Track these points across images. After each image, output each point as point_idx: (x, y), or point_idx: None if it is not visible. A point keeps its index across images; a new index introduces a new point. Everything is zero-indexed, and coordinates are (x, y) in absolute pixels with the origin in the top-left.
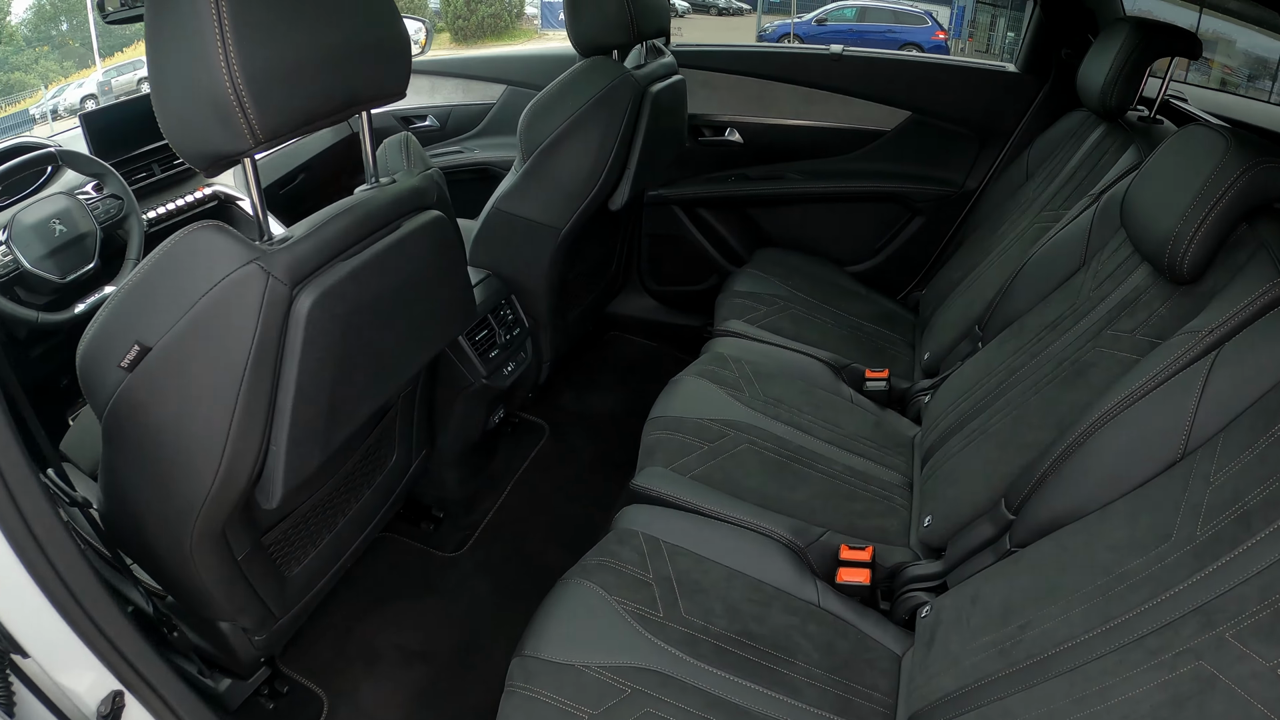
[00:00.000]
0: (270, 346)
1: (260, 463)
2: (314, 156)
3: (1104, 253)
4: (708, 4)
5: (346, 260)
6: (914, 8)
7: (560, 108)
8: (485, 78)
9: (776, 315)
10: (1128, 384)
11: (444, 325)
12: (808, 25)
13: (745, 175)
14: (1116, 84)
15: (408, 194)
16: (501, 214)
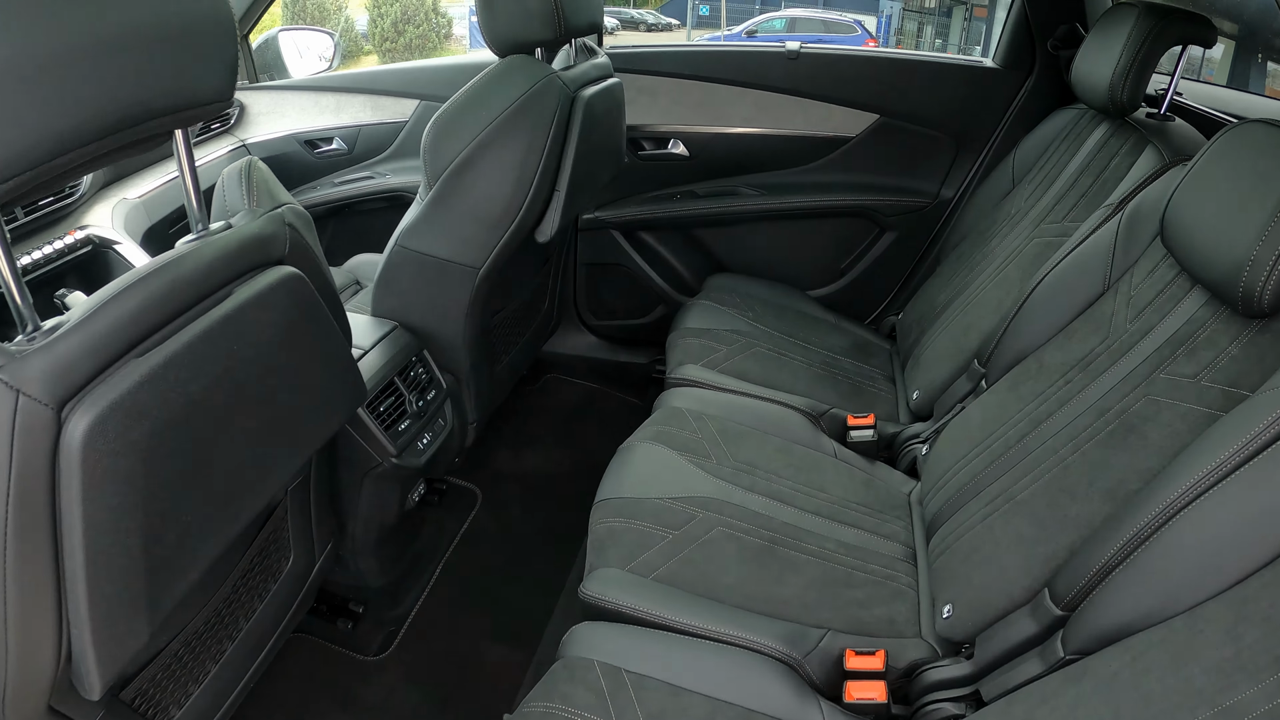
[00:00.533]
0: (37, 496)
1: (64, 646)
2: (208, 188)
3: (1135, 274)
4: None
5: (142, 357)
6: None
7: (470, 120)
8: (396, 93)
9: (739, 355)
10: (1210, 451)
11: (318, 416)
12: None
13: (692, 193)
14: (1128, 77)
15: (244, 246)
16: (406, 253)
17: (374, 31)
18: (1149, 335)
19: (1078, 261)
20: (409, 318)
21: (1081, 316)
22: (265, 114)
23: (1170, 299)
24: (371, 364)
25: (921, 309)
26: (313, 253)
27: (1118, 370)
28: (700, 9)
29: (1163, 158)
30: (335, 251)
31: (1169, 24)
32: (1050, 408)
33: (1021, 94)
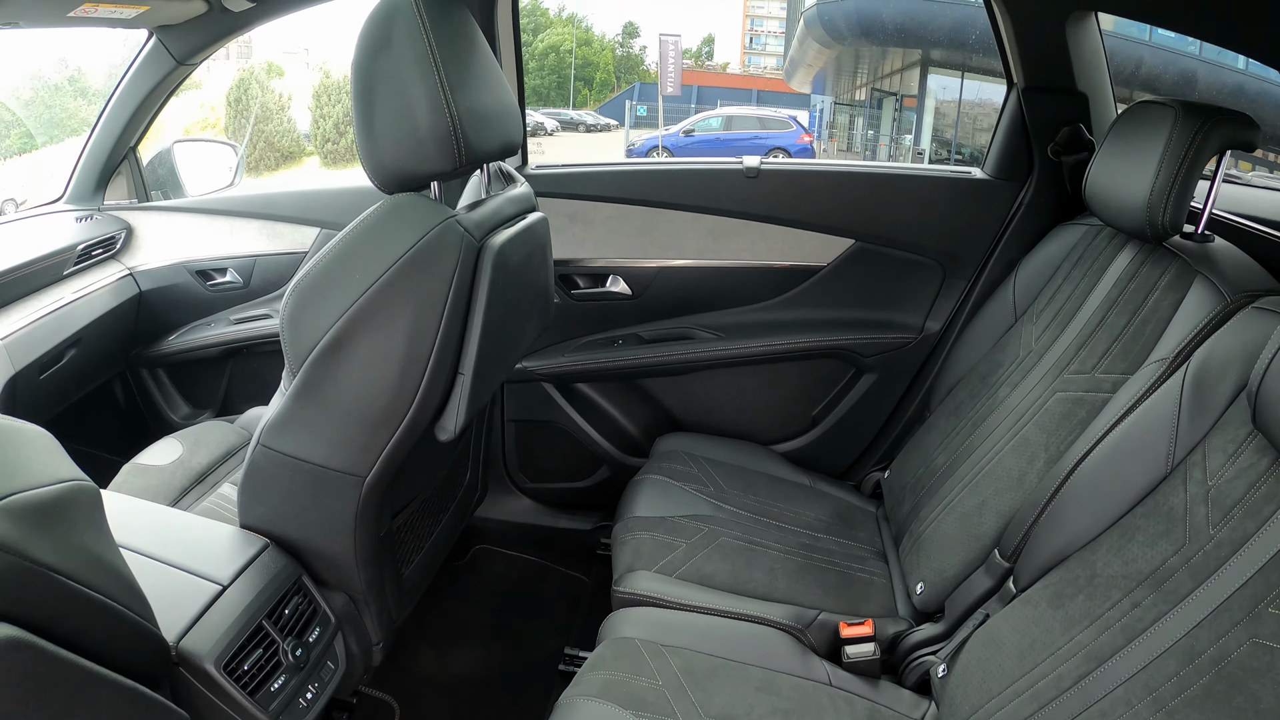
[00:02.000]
0: None
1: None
2: (88, 325)
3: (1209, 455)
4: (576, 121)
5: None
6: (778, 113)
7: (339, 287)
8: (293, 219)
9: (702, 552)
10: None
11: None
12: (675, 137)
13: (637, 337)
14: (1170, 195)
15: None
16: (272, 456)
17: (316, 132)
18: (1245, 550)
19: (1130, 434)
20: (284, 531)
21: (1141, 507)
22: (154, 238)
23: (1269, 499)
24: (232, 605)
25: (915, 469)
26: (48, 574)
27: (1207, 597)
28: (638, 109)
29: (1223, 296)
30: (233, 397)
31: (1214, 127)
32: (1115, 640)
33: (1017, 207)
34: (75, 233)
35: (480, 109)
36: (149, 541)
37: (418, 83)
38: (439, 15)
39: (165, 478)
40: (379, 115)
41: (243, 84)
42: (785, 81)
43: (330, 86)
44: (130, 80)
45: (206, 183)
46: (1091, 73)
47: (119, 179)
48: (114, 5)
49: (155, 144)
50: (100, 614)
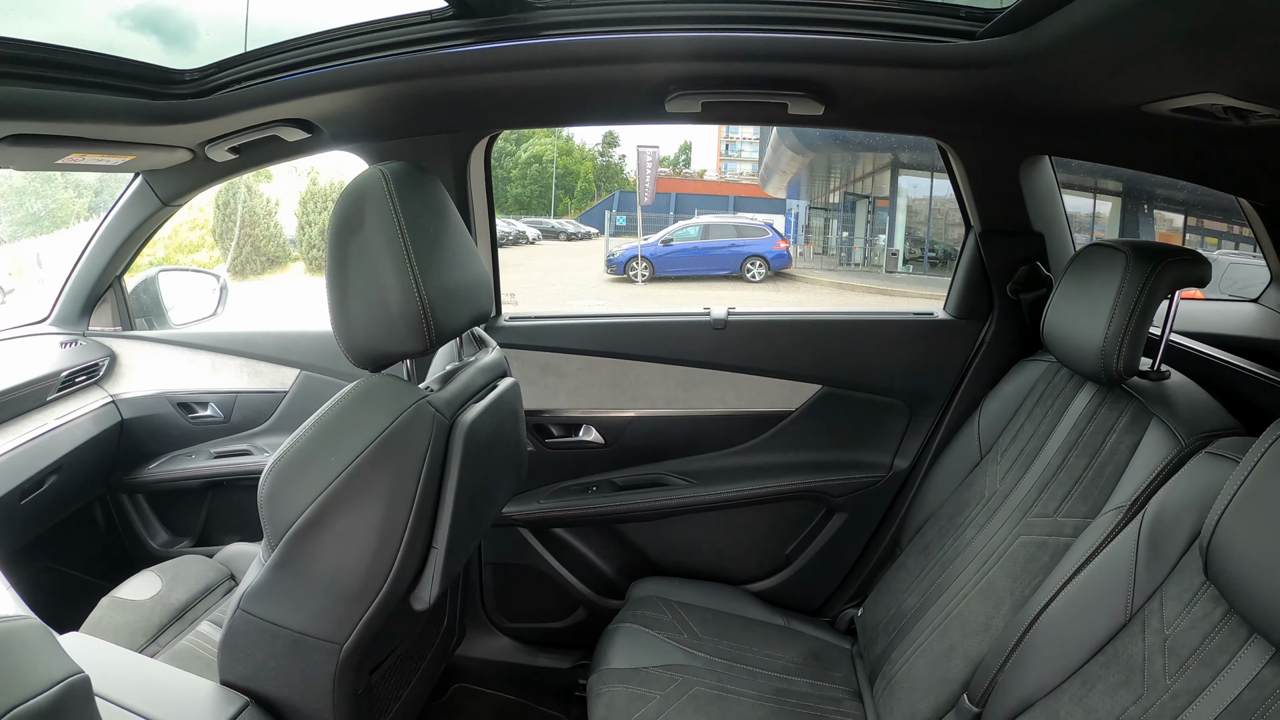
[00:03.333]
0: None
1: None
2: (69, 452)
3: (1165, 604)
4: (557, 230)
5: None
6: (754, 220)
7: (315, 469)
8: (274, 359)
9: (676, 704)
10: None
11: None
12: (654, 246)
13: (611, 483)
14: (1124, 341)
15: None
16: (252, 621)
17: (301, 238)
18: (1200, 700)
19: (1090, 582)
20: (263, 689)
21: (1101, 656)
22: (137, 367)
23: (1222, 649)
24: None
25: (887, 610)
26: None
27: None
28: (617, 219)
29: (1178, 440)
30: (212, 527)
31: (1164, 270)
32: None
33: (980, 345)
34: (60, 358)
35: (450, 286)
36: (131, 695)
37: (389, 267)
38: (410, 192)
39: (144, 613)
40: (352, 296)
41: (231, 188)
42: (761, 187)
43: (317, 193)
44: (117, 216)
45: (190, 311)
46: (1046, 211)
47: (104, 306)
48: (101, 155)
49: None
50: None
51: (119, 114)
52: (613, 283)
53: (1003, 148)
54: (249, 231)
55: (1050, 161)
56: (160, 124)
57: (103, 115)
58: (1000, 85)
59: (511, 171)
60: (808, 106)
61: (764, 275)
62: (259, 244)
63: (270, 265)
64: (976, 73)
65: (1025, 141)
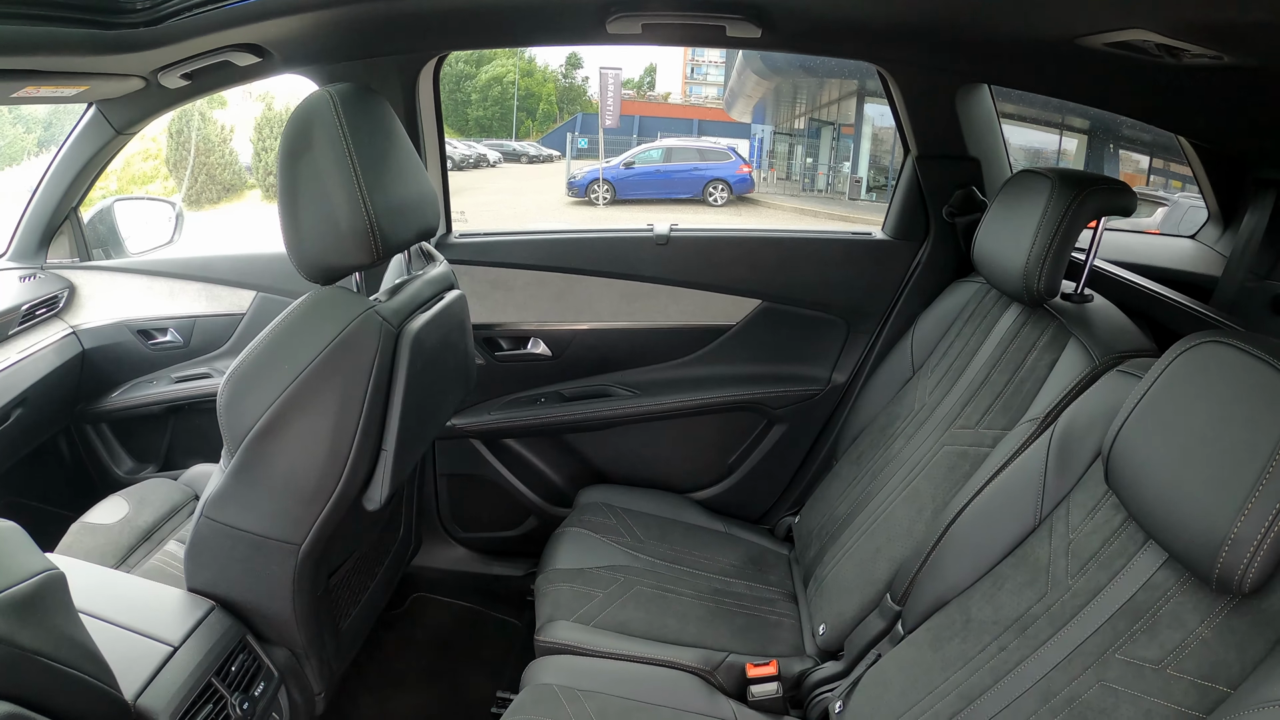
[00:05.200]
0: None
1: None
2: (34, 384)
3: (1071, 511)
4: (519, 153)
5: None
6: (717, 144)
7: (272, 375)
8: (232, 283)
9: (618, 601)
10: None
11: None
12: (616, 169)
13: (559, 394)
14: (1045, 263)
15: None
16: (214, 526)
17: (257, 165)
18: (1098, 599)
19: (1002, 489)
20: (228, 593)
21: (1011, 558)
22: (96, 297)
23: (1120, 553)
24: (183, 665)
25: (820, 516)
26: (35, 659)
27: (1063, 641)
28: (579, 142)
29: (1091, 358)
30: (176, 451)
31: (1088, 197)
32: (983, 680)
33: (915, 266)
34: (19, 292)
35: (397, 202)
36: (104, 605)
37: (337, 185)
38: (357, 113)
39: (113, 536)
40: (302, 213)
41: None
42: (726, 111)
43: (272, 118)
44: (71, 146)
45: (147, 240)
46: (984, 138)
47: (61, 238)
48: (55, 87)
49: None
50: (75, 685)
51: (72, 45)
52: (574, 205)
53: (939, 74)
54: (203, 160)
55: (990, 91)
56: (113, 53)
57: (56, 47)
58: (936, 10)
59: (471, 95)
60: (745, 29)
61: (726, 199)
62: (214, 172)
63: (226, 193)
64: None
65: (961, 69)
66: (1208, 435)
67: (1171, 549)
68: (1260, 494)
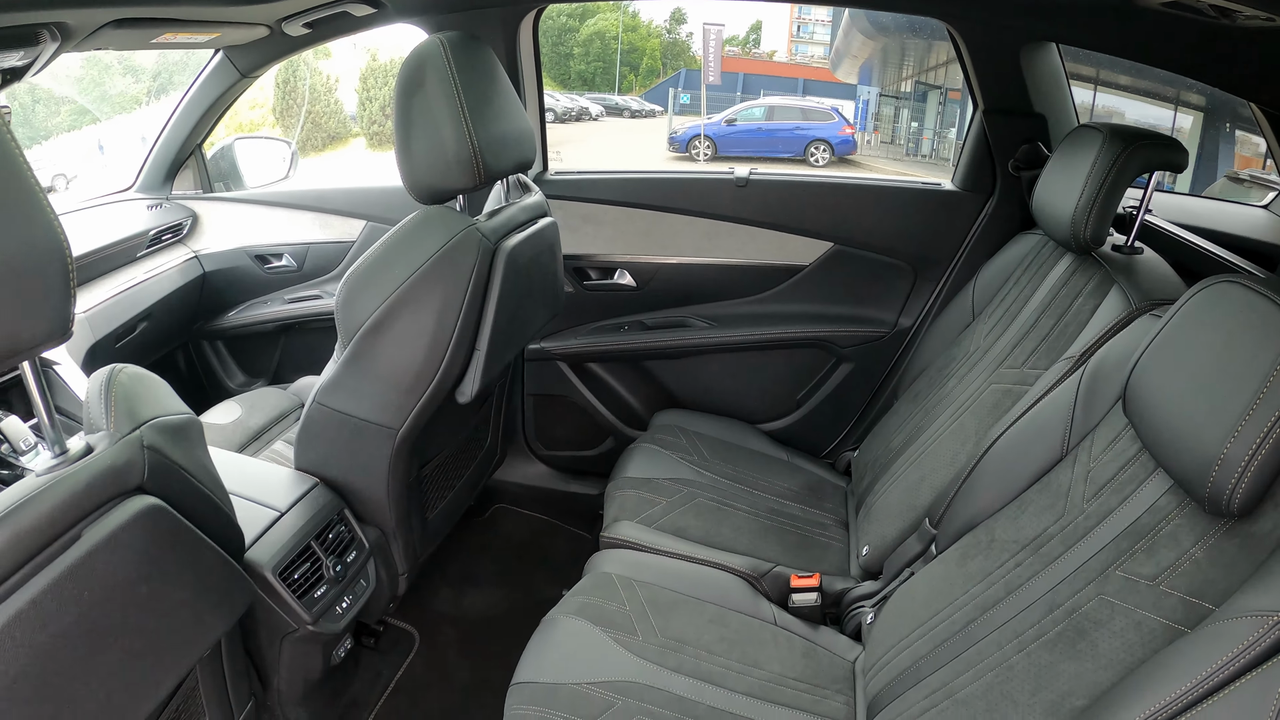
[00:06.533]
0: None
1: None
2: (158, 301)
3: (1095, 442)
4: (621, 107)
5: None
6: (820, 104)
7: (383, 279)
8: (344, 213)
9: (679, 509)
10: (1166, 680)
11: (192, 632)
12: (717, 126)
13: (641, 324)
14: (1092, 211)
15: (95, 482)
16: (324, 410)
17: (362, 114)
18: (1107, 521)
19: (1035, 421)
20: (330, 473)
21: (1037, 485)
22: (217, 225)
23: (1131, 480)
24: (287, 528)
25: (876, 450)
26: (179, 471)
27: (1071, 559)
28: (681, 97)
29: (1129, 303)
30: (285, 368)
31: (1136, 151)
32: (997, 593)
33: (982, 218)
34: (147, 219)
35: (497, 135)
36: (224, 478)
37: (446, 118)
38: (463, 56)
39: (226, 435)
40: (415, 143)
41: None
42: (831, 71)
43: (377, 69)
44: (199, 88)
45: (264, 175)
46: (1051, 95)
47: (186, 172)
48: (190, 34)
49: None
50: (208, 506)
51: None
52: (675, 160)
53: (1003, 31)
54: (309, 108)
55: (1058, 50)
56: (244, 3)
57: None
58: None
59: (574, 48)
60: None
61: (827, 160)
62: (319, 120)
63: (331, 141)
64: None
65: (1024, 26)
66: (1211, 366)
67: (1172, 471)
68: (1250, 418)
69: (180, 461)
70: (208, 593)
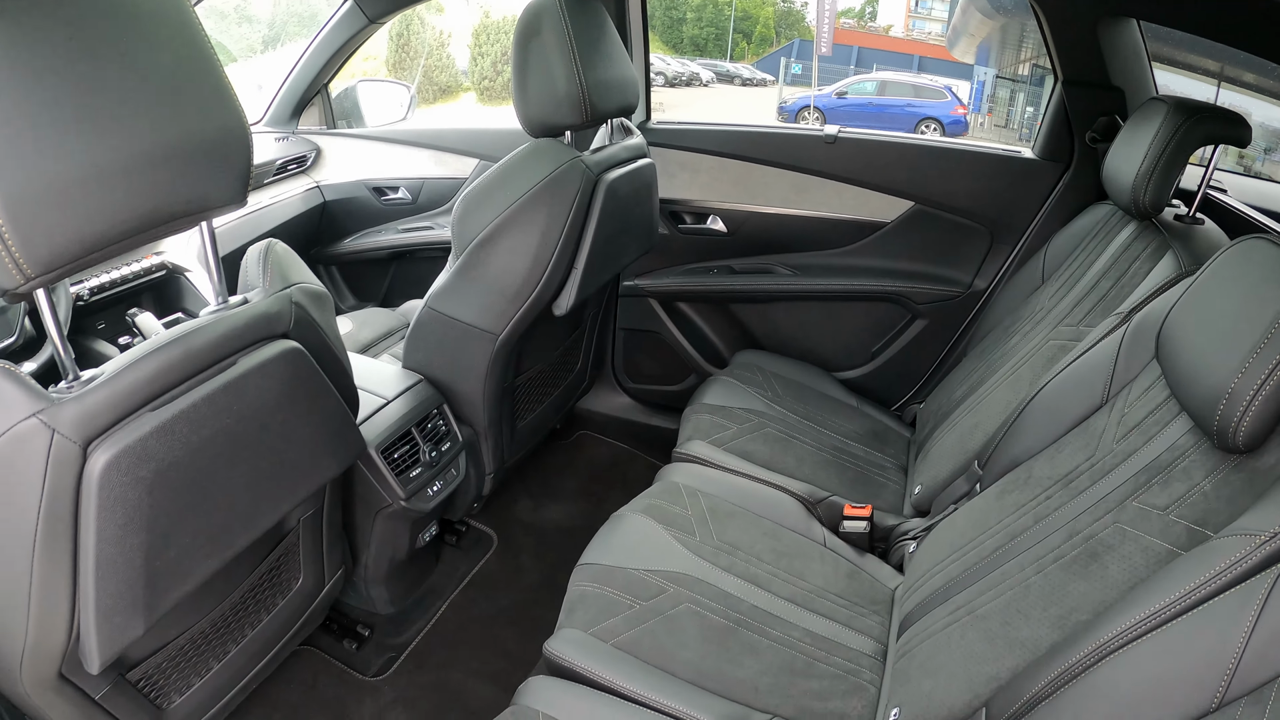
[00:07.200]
0: (62, 513)
1: (73, 627)
2: (280, 225)
3: (1132, 391)
4: (732, 74)
5: (156, 410)
6: (934, 82)
7: (496, 198)
8: (458, 151)
9: (748, 435)
10: (1155, 594)
11: (310, 466)
12: (828, 98)
13: (729, 268)
14: (1151, 178)
15: (251, 323)
16: (434, 314)
17: (473, 70)
18: (1131, 458)
19: (1080, 371)
20: (433, 372)
21: (1076, 429)
22: (339, 158)
23: (1158, 422)
24: (392, 413)
25: (940, 401)
26: (317, 328)
27: (1095, 492)
28: (793, 68)
29: (1180, 265)
30: (394, 293)
31: (1197, 123)
32: (1026, 522)
33: (1058, 187)
34: (274, 150)
35: (604, 79)
36: None
37: (558, 61)
38: (577, 9)
39: None
40: (530, 83)
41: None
42: (948, 50)
43: (489, 26)
44: (328, 32)
45: (383, 116)
46: (1131, 70)
47: (311, 109)
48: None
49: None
50: (335, 362)
51: None
52: None
53: (1080, 4)
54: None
55: (1139, 26)
56: None
57: None
58: None
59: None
60: None
61: None
62: (431, 74)
63: (442, 94)
64: None
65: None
66: (1231, 311)
67: (1189, 409)
68: (1258, 355)
69: (318, 320)
70: (327, 436)
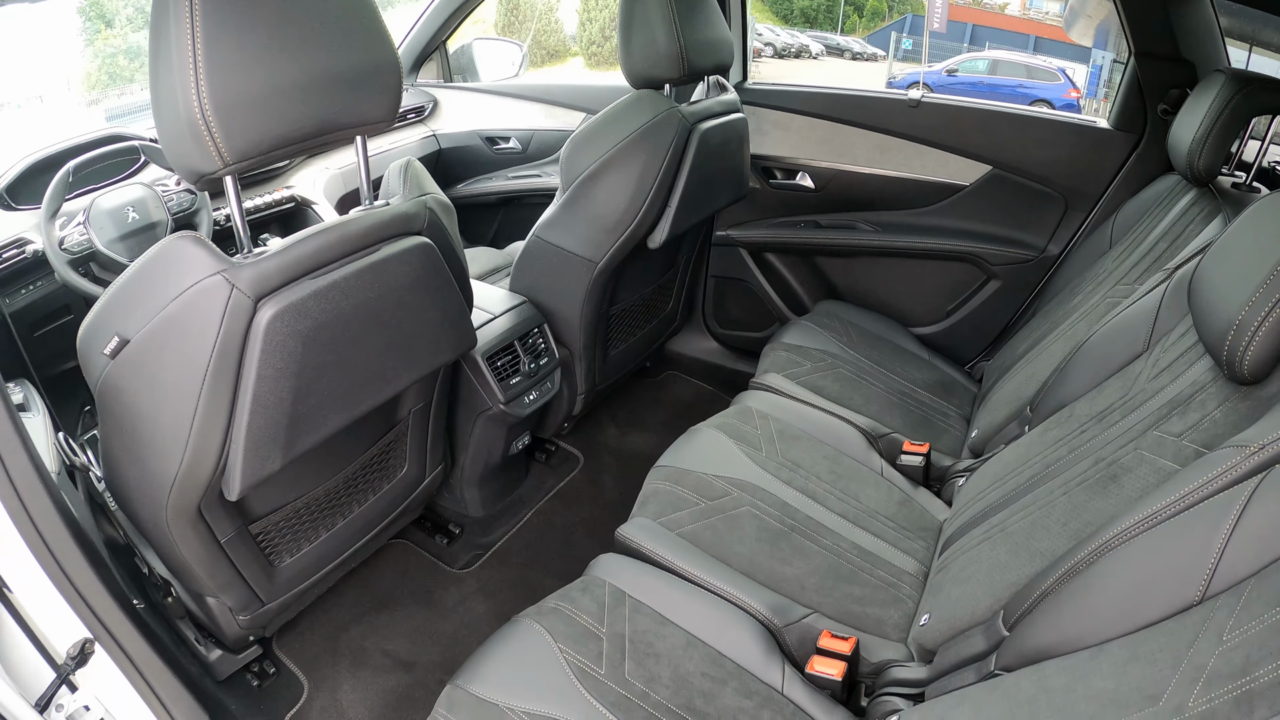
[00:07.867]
0: (231, 354)
1: (222, 457)
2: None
3: (1169, 338)
4: (842, 48)
5: (314, 279)
6: (1047, 64)
7: (601, 140)
8: (567, 105)
9: (821, 373)
10: (1154, 500)
11: (430, 348)
12: (938, 75)
13: (815, 222)
14: (1205, 144)
15: (393, 219)
16: (540, 242)
17: (582, 35)
18: (1159, 394)
19: (1126, 320)
20: (537, 296)
21: (1119, 374)
22: (454, 110)
23: (1185, 361)
24: (498, 326)
25: (1005, 358)
26: (446, 231)
27: (1124, 424)
28: (904, 43)
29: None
30: (502, 235)
31: (1252, 93)
32: (1062, 454)
33: (1131, 157)
34: None
35: (702, 39)
36: None
37: (660, 20)
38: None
39: None
40: (634, 39)
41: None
42: (1065, 31)
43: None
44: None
45: (496, 72)
46: (1202, 44)
47: (430, 64)
48: None
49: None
50: (457, 262)
51: None
52: None
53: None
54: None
55: (1211, 2)
56: None
57: None
58: None
59: None
60: None
61: None
62: (539, 38)
63: (550, 58)
64: None
65: None
66: (1250, 254)
67: (1206, 343)
68: (1264, 289)
69: (447, 226)
70: (447, 323)
